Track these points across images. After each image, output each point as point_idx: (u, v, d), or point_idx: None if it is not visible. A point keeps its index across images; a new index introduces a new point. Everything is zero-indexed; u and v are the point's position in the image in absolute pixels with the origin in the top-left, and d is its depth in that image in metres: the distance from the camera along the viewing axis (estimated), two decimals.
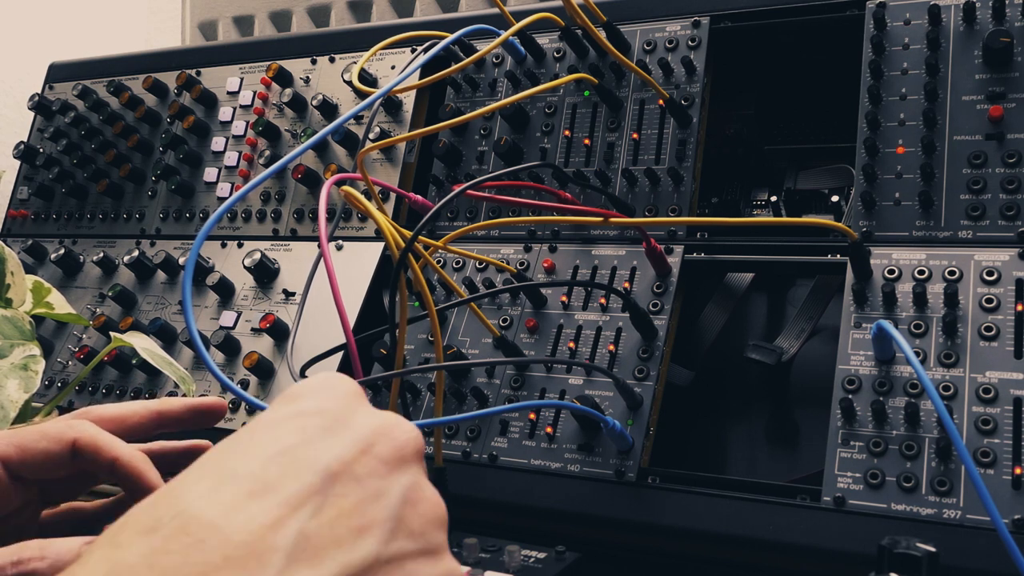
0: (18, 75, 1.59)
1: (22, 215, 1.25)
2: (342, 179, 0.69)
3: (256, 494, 0.33)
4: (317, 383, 0.40)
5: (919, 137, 0.77)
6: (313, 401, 0.38)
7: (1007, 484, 0.63)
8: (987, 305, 0.70)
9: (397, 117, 1.02)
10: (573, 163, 0.90)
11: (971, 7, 0.78)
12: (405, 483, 0.37)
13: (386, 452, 0.37)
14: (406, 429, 0.39)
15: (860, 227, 0.77)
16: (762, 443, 0.89)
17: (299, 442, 0.35)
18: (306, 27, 1.67)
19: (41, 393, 1.04)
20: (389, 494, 0.36)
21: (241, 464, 0.34)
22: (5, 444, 0.54)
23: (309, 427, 0.36)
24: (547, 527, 0.74)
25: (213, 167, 1.12)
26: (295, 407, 0.38)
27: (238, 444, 0.36)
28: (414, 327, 0.88)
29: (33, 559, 0.46)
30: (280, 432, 0.36)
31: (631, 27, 0.92)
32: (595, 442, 0.75)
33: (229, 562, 0.31)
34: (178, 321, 1.03)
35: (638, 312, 0.77)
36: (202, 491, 0.33)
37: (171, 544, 0.31)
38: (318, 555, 0.33)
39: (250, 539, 0.32)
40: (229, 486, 0.33)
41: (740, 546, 0.69)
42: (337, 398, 0.39)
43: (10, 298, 0.83)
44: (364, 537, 0.34)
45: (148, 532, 0.32)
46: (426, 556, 0.37)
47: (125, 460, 0.56)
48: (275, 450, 0.35)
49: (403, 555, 0.36)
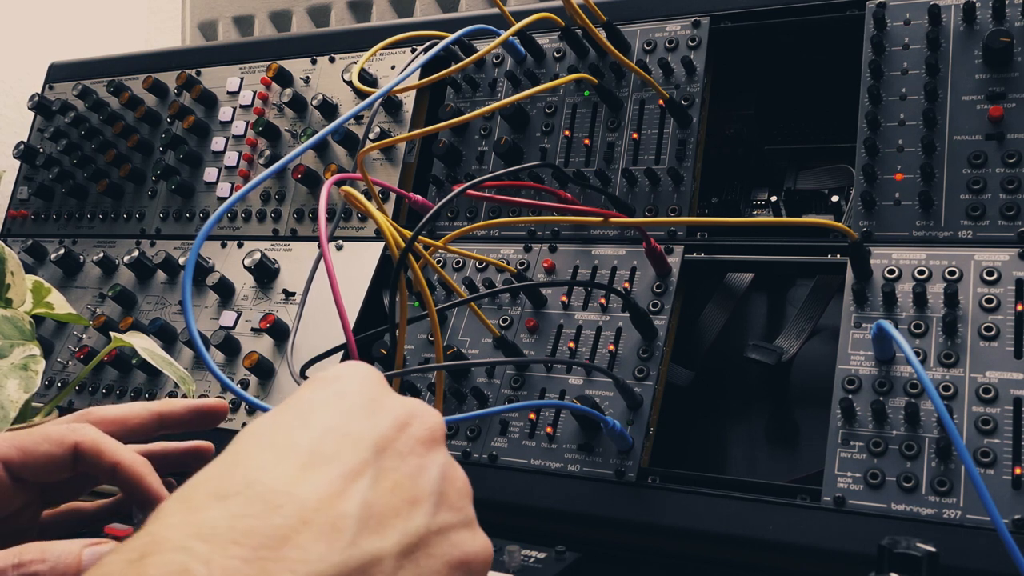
0: (18, 75, 1.59)
1: (22, 215, 1.25)
2: (342, 179, 0.68)
3: (318, 465, 0.35)
4: (348, 370, 0.42)
5: (919, 137, 0.77)
6: (349, 384, 0.41)
7: (1007, 484, 0.63)
8: (987, 305, 0.70)
9: (397, 117, 1.02)
10: (573, 163, 0.90)
11: (971, 7, 0.78)
12: (440, 460, 0.40)
13: (421, 432, 0.40)
14: (433, 413, 0.42)
15: (860, 227, 0.77)
16: (762, 443, 0.89)
17: (347, 420, 0.38)
18: (306, 27, 1.67)
19: (41, 393, 1.04)
20: (430, 469, 0.39)
21: (298, 438, 0.37)
22: (7, 446, 0.54)
23: (353, 407, 0.39)
24: (547, 527, 0.74)
25: (213, 167, 1.12)
26: (333, 389, 0.40)
27: (289, 420, 0.38)
28: (414, 327, 0.88)
29: (34, 561, 0.46)
30: (328, 410, 0.39)
31: (631, 27, 0.92)
32: (595, 442, 0.76)
33: (307, 525, 0.33)
34: (178, 321, 1.03)
35: (638, 312, 0.77)
36: (267, 461, 0.35)
37: (248, 508, 0.33)
38: (382, 524, 0.35)
39: (322, 506, 0.34)
40: (292, 458, 0.36)
41: (740, 546, 0.69)
42: (369, 382, 0.41)
43: (10, 298, 0.83)
44: (416, 508, 0.37)
45: (223, 497, 0.33)
46: (465, 527, 0.39)
47: (126, 465, 0.56)
48: (326, 426, 0.37)
49: (448, 526, 0.38)
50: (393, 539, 0.35)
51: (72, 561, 0.47)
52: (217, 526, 0.32)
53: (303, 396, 0.40)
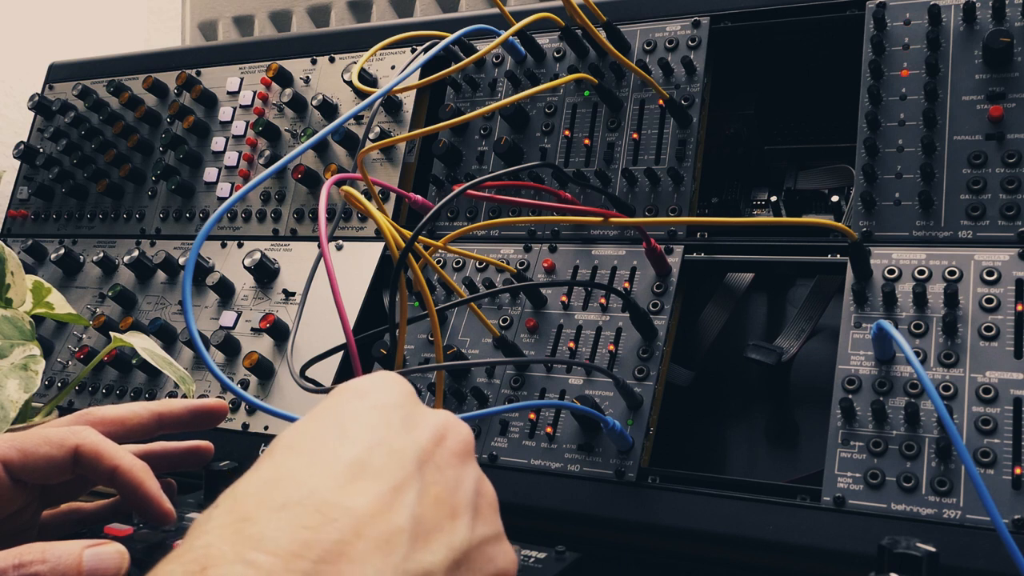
0: (18, 75, 1.59)
1: (22, 215, 1.25)
2: (342, 179, 0.68)
3: (366, 479, 0.35)
4: (380, 380, 0.42)
5: (919, 137, 0.77)
6: (385, 395, 0.40)
7: (1007, 484, 0.63)
8: (987, 305, 0.70)
9: (397, 117, 1.02)
10: (573, 163, 0.90)
11: (971, 7, 0.78)
12: (474, 474, 0.40)
13: (456, 445, 0.40)
14: (464, 425, 0.42)
15: (860, 227, 0.77)
16: (762, 443, 0.89)
17: (388, 433, 0.38)
18: (306, 27, 1.67)
19: (41, 393, 1.04)
20: (465, 483, 0.39)
21: (345, 451, 0.36)
22: (7, 447, 0.55)
23: (393, 420, 0.39)
24: (547, 527, 0.74)
25: (213, 167, 1.12)
26: (371, 401, 0.40)
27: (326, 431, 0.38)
28: (414, 327, 0.88)
29: (35, 562, 0.46)
30: (370, 422, 0.38)
31: (631, 27, 0.92)
32: (595, 442, 0.76)
33: (362, 539, 0.33)
34: (178, 321, 1.03)
35: (638, 312, 0.77)
36: (315, 474, 0.35)
37: (307, 520, 0.33)
38: (429, 538, 0.36)
39: (374, 520, 0.34)
40: (339, 470, 0.35)
41: (740, 546, 0.69)
42: (403, 395, 0.41)
43: (10, 298, 0.83)
44: (457, 522, 0.37)
45: (280, 509, 0.33)
46: (498, 540, 0.40)
47: (125, 469, 0.56)
48: (371, 439, 0.37)
49: (485, 539, 0.39)
50: (441, 553, 0.36)
51: (73, 562, 0.47)
52: (277, 538, 0.32)
53: (337, 407, 0.40)
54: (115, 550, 0.48)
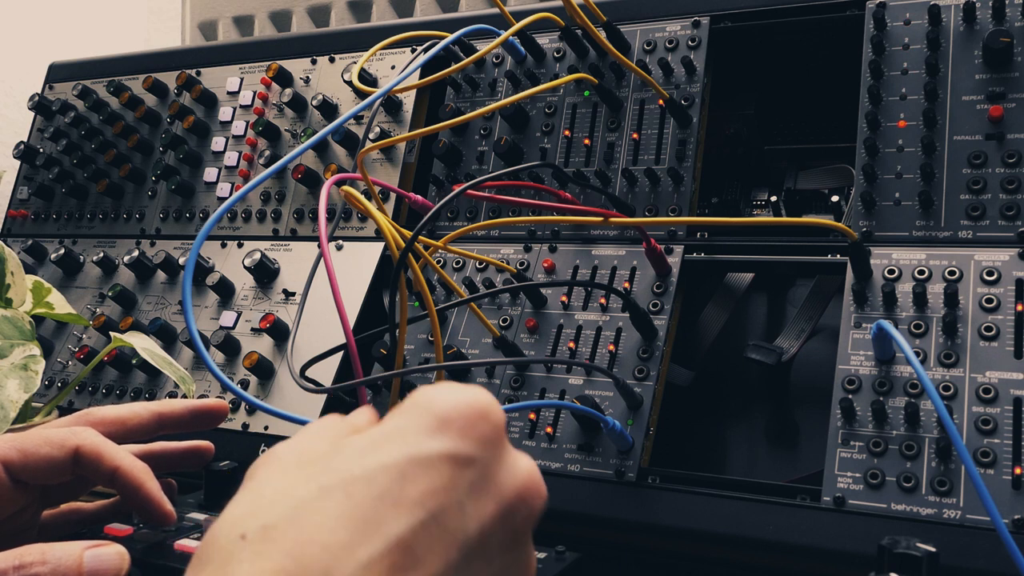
0: (18, 75, 1.59)
1: (22, 215, 1.25)
2: (342, 179, 0.69)
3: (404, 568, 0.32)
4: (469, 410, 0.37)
5: (919, 137, 0.77)
6: (465, 443, 0.36)
7: (1007, 484, 0.63)
8: (987, 305, 0.70)
9: (397, 117, 1.02)
10: (573, 163, 0.90)
11: (971, 7, 0.78)
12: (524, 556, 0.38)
13: (521, 522, 0.37)
14: (543, 490, 0.39)
15: (860, 227, 0.77)
16: (762, 443, 0.89)
17: (449, 503, 0.34)
18: (306, 27, 1.67)
19: (41, 393, 1.04)
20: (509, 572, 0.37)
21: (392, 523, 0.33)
22: (8, 448, 0.55)
23: (460, 484, 0.35)
24: (547, 527, 0.74)
25: (213, 167, 1.12)
26: (445, 446, 0.35)
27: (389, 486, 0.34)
28: (414, 327, 0.88)
29: (35, 563, 0.46)
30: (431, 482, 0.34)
31: (631, 27, 0.92)
32: (595, 442, 0.76)
33: None
34: (178, 321, 1.03)
35: (638, 312, 0.77)
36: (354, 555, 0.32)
37: None
38: None
39: None
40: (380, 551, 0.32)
41: (740, 546, 0.69)
42: (487, 440, 0.37)
43: (10, 298, 0.83)
44: None
45: None
46: None
47: (126, 470, 0.56)
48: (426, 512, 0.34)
49: None
50: None
51: (73, 563, 0.47)
52: None
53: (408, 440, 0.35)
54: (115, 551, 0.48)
